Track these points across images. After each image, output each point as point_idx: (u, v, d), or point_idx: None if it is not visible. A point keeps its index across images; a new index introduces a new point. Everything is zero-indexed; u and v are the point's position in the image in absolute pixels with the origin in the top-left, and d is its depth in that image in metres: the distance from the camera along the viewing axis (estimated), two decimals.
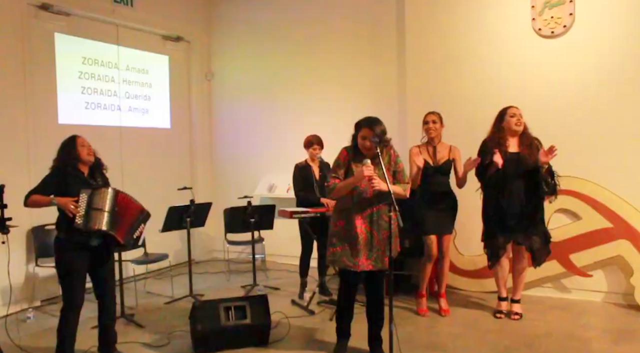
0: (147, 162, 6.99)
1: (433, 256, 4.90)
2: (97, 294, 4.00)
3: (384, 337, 3.74)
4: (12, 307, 4.97)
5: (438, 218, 4.89)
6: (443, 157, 4.91)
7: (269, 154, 7.44)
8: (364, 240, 3.72)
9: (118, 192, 3.84)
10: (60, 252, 3.79)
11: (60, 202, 3.67)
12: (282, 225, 6.32)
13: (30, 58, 5.61)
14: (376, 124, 3.72)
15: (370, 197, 3.70)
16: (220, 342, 4.16)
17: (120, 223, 3.80)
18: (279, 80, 7.36)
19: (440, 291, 5.07)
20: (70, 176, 3.77)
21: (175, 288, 5.92)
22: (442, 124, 4.94)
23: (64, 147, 3.85)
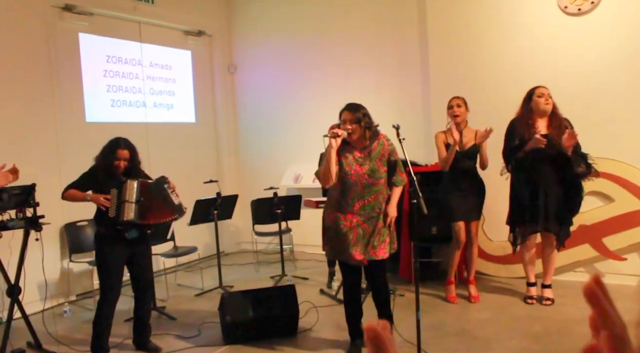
0: (173, 156, 7.06)
1: (461, 242, 4.85)
2: (134, 287, 4.09)
3: (410, 324, 3.72)
4: (49, 302, 5.11)
5: (465, 204, 4.83)
6: (469, 141, 4.83)
7: (294, 144, 7.45)
8: (354, 235, 3.66)
9: (141, 182, 3.91)
10: (99, 245, 3.93)
11: (93, 198, 3.82)
12: (309, 215, 6.32)
13: (56, 59, 5.71)
14: (355, 107, 3.65)
15: (360, 189, 3.63)
16: (250, 333, 4.20)
17: (150, 210, 3.90)
18: (301, 70, 7.34)
19: (469, 278, 5.02)
20: (105, 175, 3.87)
21: (205, 280, 6.00)
22: (467, 108, 4.86)
23: (105, 154, 3.91)
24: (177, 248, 6.11)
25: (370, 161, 3.63)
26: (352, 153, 3.67)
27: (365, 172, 3.63)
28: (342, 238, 3.66)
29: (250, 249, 7.21)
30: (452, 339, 4.06)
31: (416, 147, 5.89)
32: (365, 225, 3.66)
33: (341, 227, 3.66)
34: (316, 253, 6.85)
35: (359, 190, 3.64)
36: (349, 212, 3.66)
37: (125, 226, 3.85)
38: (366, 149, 3.65)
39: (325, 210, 3.81)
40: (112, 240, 3.87)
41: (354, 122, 3.60)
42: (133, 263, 4.01)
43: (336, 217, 3.69)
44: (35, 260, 4.35)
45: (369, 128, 3.64)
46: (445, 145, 4.84)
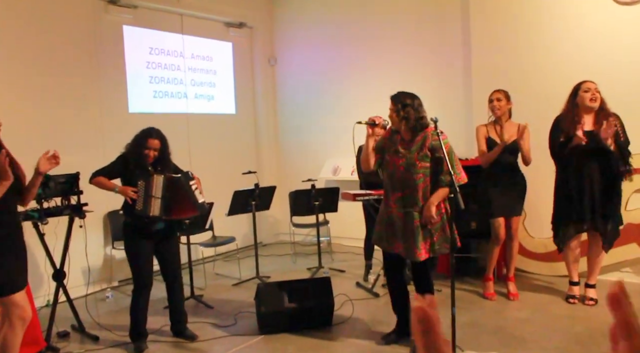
0: (213, 147, 7.16)
1: (500, 239, 4.75)
2: (163, 276, 4.18)
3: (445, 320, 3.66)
4: (92, 287, 5.28)
5: (506, 200, 4.71)
6: (511, 136, 4.71)
7: (333, 136, 7.42)
8: (396, 225, 3.64)
9: (167, 177, 3.93)
10: (128, 236, 4.01)
11: (121, 191, 3.88)
12: (347, 207, 6.30)
13: (101, 51, 5.86)
14: (398, 97, 3.62)
15: (397, 181, 3.60)
16: (284, 323, 4.23)
17: (175, 206, 3.93)
18: (342, 62, 7.30)
19: (508, 274, 4.91)
20: (134, 165, 3.92)
21: (243, 270, 6.06)
22: (509, 102, 4.74)
23: (136, 142, 3.96)
24: (216, 238, 6.20)
25: (409, 154, 3.57)
26: (397, 143, 3.62)
27: (400, 164, 3.58)
28: (386, 225, 3.69)
29: (288, 240, 7.25)
30: (488, 337, 3.98)
31: (457, 140, 5.75)
32: (403, 219, 3.59)
33: (386, 215, 3.69)
34: (353, 246, 6.84)
35: (395, 182, 3.61)
36: (391, 200, 3.67)
37: (152, 220, 3.90)
38: (409, 141, 3.59)
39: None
40: (139, 231, 3.94)
41: (394, 112, 3.56)
42: (160, 253, 4.09)
43: (385, 204, 3.73)
44: (79, 246, 4.49)
45: (407, 119, 3.56)
46: (486, 140, 4.74)
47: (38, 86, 5.25)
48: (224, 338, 4.22)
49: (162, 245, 4.05)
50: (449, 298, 3.43)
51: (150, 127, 4.03)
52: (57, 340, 4.24)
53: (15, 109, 4.87)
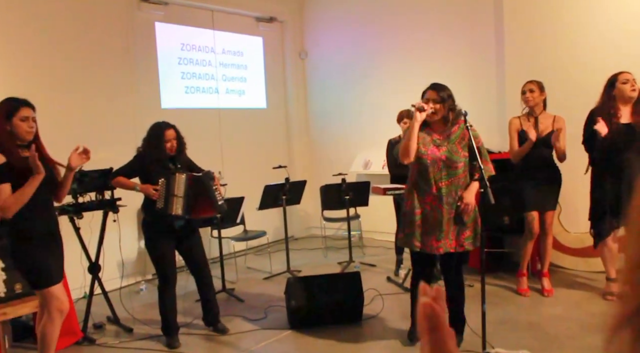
0: (244, 142, 7.21)
1: (534, 233, 4.65)
2: (190, 271, 4.24)
3: (477, 316, 3.61)
4: (126, 280, 5.40)
5: (540, 193, 4.61)
6: (546, 128, 4.60)
7: (364, 130, 7.39)
8: (433, 220, 3.49)
9: (189, 176, 3.95)
10: (148, 234, 4.05)
11: (142, 189, 3.92)
12: (378, 201, 6.27)
13: (134, 48, 5.96)
14: (440, 86, 3.53)
15: (438, 171, 3.50)
16: (314, 318, 4.24)
17: (197, 205, 3.95)
18: (372, 55, 7.25)
19: (542, 270, 4.80)
20: (153, 162, 3.95)
21: (274, 264, 6.10)
22: (543, 92, 4.61)
23: (152, 137, 3.99)
24: (247, 232, 6.25)
25: (449, 144, 3.50)
26: (431, 134, 3.54)
27: (442, 153, 3.49)
28: (421, 223, 3.51)
29: (319, 234, 7.26)
30: (520, 333, 3.91)
31: (489, 133, 5.67)
32: (443, 210, 3.50)
33: (418, 212, 3.52)
34: (385, 240, 6.81)
35: (436, 172, 3.50)
36: (427, 195, 3.51)
37: (173, 219, 3.93)
38: (445, 132, 3.52)
39: (405, 195, 3.67)
40: (159, 229, 3.97)
41: (438, 102, 3.47)
42: (183, 249, 4.13)
43: (414, 200, 3.55)
44: (113, 240, 4.59)
45: (452, 110, 3.51)
46: (519, 133, 4.64)
47: (74, 83, 5.38)
48: (255, 331, 4.26)
49: (183, 242, 4.09)
50: (480, 293, 3.37)
51: (159, 121, 4.06)
52: (93, 331, 4.35)
53: (52, 106, 4.99)
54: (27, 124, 3.02)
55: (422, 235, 3.52)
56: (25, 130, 3.02)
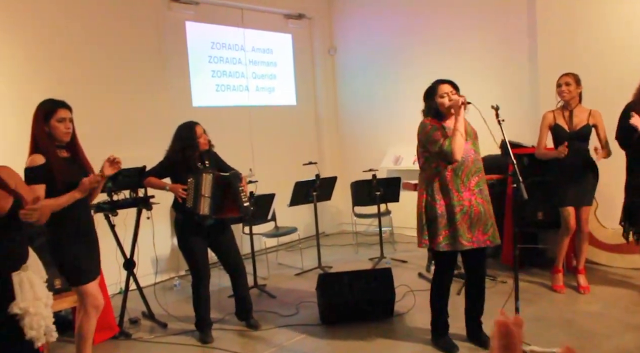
0: (275, 139, 7.25)
1: (570, 229, 4.55)
2: (224, 268, 4.28)
3: (509, 313, 3.56)
4: (160, 276, 5.50)
5: (576, 188, 4.51)
6: (581, 121, 4.50)
7: (394, 126, 7.34)
8: (475, 214, 3.41)
9: (216, 176, 3.98)
10: (180, 232, 4.10)
11: (172, 189, 3.98)
12: (410, 197, 6.18)
13: (165, 47, 6.05)
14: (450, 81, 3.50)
15: (471, 165, 3.43)
16: (345, 314, 4.24)
17: (224, 205, 3.98)
18: (402, 49, 7.19)
19: (578, 266, 4.71)
20: (182, 162, 4.00)
21: (305, 260, 6.12)
22: (579, 86, 4.51)
23: (183, 134, 4.05)
24: (278, 229, 6.29)
25: (469, 137, 3.47)
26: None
27: (470, 147, 3.45)
28: (461, 220, 3.39)
29: (350, 230, 7.25)
30: (556, 331, 3.84)
31: (522, 127, 5.59)
32: (483, 203, 3.45)
33: (458, 210, 3.38)
34: (416, 236, 6.74)
35: (470, 166, 3.43)
36: (465, 190, 3.41)
37: (201, 218, 3.97)
38: (466, 126, 3.48)
39: (430, 198, 3.47)
40: (191, 227, 4.01)
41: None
42: (216, 247, 4.17)
43: (451, 199, 3.41)
44: (147, 237, 4.68)
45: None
46: (552, 128, 4.54)
47: (107, 84, 5.48)
48: (286, 327, 4.28)
49: (216, 239, 4.13)
50: (514, 290, 3.32)
51: (185, 122, 4.12)
52: (129, 326, 4.45)
53: (87, 106, 5.09)
54: (64, 125, 3.09)
55: (468, 232, 3.42)
56: (62, 131, 3.08)
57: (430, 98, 3.53)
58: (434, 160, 3.47)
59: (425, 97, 3.60)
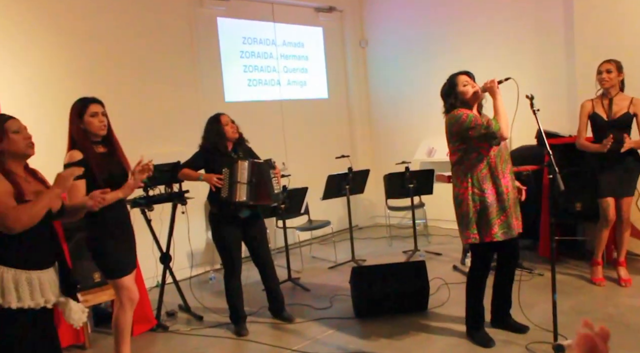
0: (307, 133, 7.26)
1: (610, 220, 4.43)
2: (254, 262, 4.31)
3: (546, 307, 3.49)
4: (196, 270, 5.58)
5: (616, 179, 4.38)
6: (620, 109, 4.36)
7: (427, 117, 7.23)
8: (513, 200, 3.43)
9: (251, 162, 4.00)
10: (214, 225, 4.14)
11: (206, 178, 4.01)
12: (444, 189, 6.12)
13: (198, 43, 6.11)
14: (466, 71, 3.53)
15: (505, 151, 3.43)
16: (379, 307, 4.23)
17: (261, 191, 4.00)
18: (435, 40, 7.09)
19: (619, 259, 4.57)
20: (215, 153, 4.05)
21: (339, 254, 6.13)
22: (621, 73, 4.37)
23: (211, 125, 4.12)
24: (312, 222, 6.31)
25: None
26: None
27: None
28: (507, 209, 3.38)
29: (384, 223, 7.22)
30: (596, 325, 3.73)
31: (558, 116, 5.46)
32: (514, 190, 3.47)
33: (504, 196, 3.38)
34: (450, 229, 6.69)
35: (504, 153, 3.44)
36: (503, 177, 3.41)
37: (238, 207, 3.99)
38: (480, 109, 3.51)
39: (477, 189, 3.39)
40: (226, 220, 4.05)
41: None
42: (249, 240, 4.20)
43: (498, 186, 3.39)
44: (182, 231, 4.75)
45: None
46: (590, 116, 4.42)
47: (141, 81, 5.57)
48: (320, 320, 4.29)
49: (249, 232, 4.16)
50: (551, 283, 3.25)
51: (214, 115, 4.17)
52: (166, 319, 4.53)
53: (122, 103, 5.20)
54: (97, 118, 3.16)
55: (511, 220, 3.42)
56: (96, 125, 3.16)
57: (451, 91, 3.54)
58: (474, 150, 3.43)
59: (444, 93, 3.61)
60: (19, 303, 2.38)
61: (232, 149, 4.13)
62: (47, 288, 2.49)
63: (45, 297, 2.47)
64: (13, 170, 2.47)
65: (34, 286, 2.44)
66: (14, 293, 2.37)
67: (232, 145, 4.14)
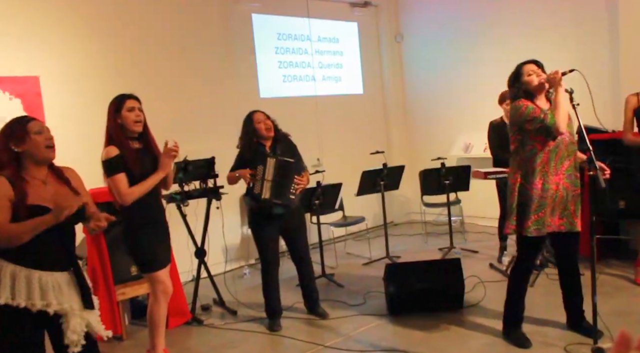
0: (342, 128, 7.23)
1: None
2: (290, 255, 4.33)
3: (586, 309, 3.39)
4: (230, 265, 5.63)
5: None
6: None
7: (464, 112, 7.14)
8: (559, 199, 3.33)
9: (277, 160, 3.98)
10: (252, 220, 4.18)
11: (241, 174, 4.02)
12: (480, 185, 6.05)
13: (233, 40, 6.16)
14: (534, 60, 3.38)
15: (565, 147, 3.30)
16: (413, 304, 4.19)
17: (283, 190, 3.97)
18: (472, 34, 6.96)
19: None
20: (252, 151, 4.05)
21: (373, 250, 6.09)
22: None
23: (244, 125, 4.14)
24: (346, 218, 6.29)
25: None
26: None
27: (565, 129, 3.31)
28: (549, 205, 3.33)
29: (419, 220, 7.14)
30: (638, 327, 3.61)
31: (600, 110, 5.25)
32: (569, 188, 3.35)
33: (549, 193, 3.32)
34: (487, 226, 6.57)
35: (563, 150, 3.32)
36: (555, 174, 3.33)
37: (265, 204, 3.98)
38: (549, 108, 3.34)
39: (524, 181, 3.37)
40: (264, 214, 4.05)
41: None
42: (286, 236, 4.21)
43: (546, 181, 3.32)
44: (217, 226, 4.80)
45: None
46: (635, 111, 4.26)
47: (177, 77, 5.65)
48: (354, 317, 4.28)
49: (287, 226, 4.16)
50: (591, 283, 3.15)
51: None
52: (201, 313, 4.59)
53: (159, 99, 5.28)
54: (134, 113, 3.22)
55: (549, 216, 3.35)
56: (133, 120, 3.21)
57: (517, 80, 3.43)
58: (530, 142, 3.36)
59: (510, 81, 3.49)
60: (11, 300, 2.30)
61: (271, 145, 4.12)
62: (50, 292, 2.38)
63: (46, 301, 2.37)
64: (33, 174, 2.44)
65: (33, 286, 2.34)
66: (7, 289, 2.30)
67: (271, 142, 4.13)
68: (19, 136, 2.42)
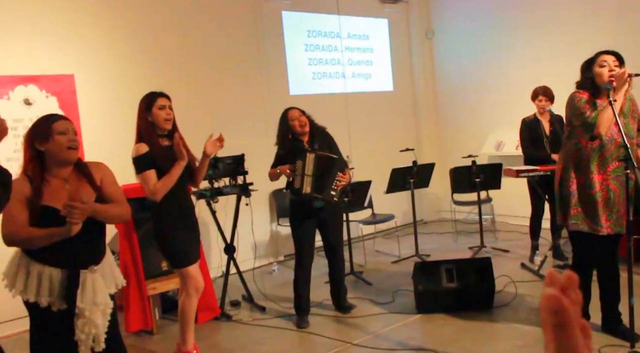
0: (371, 125, 7.19)
1: None
2: (325, 250, 4.32)
3: (623, 311, 3.29)
4: (259, 261, 5.67)
5: None
6: None
7: (496, 110, 7.03)
8: (603, 199, 3.24)
9: (317, 155, 3.97)
10: (292, 213, 4.20)
11: (281, 169, 4.03)
12: (512, 184, 5.94)
13: (263, 37, 6.18)
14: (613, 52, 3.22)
15: (615, 148, 3.19)
16: (442, 303, 4.15)
17: (325, 184, 3.97)
18: (505, 30, 6.84)
19: None
20: (289, 147, 4.07)
21: (402, 248, 6.04)
22: None
23: (280, 122, 4.15)
24: (375, 216, 6.26)
25: (624, 117, 3.20)
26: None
27: (618, 130, 3.21)
28: (593, 202, 3.25)
29: (450, 218, 7.06)
30: None
31: None
32: (616, 190, 3.25)
33: (590, 191, 3.25)
34: (519, 225, 6.46)
35: (613, 150, 3.23)
36: (599, 173, 3.25)
37: (306, 198, 3.99)
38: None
39: (564, 174, 3.36)
40: (303, 209, 4.07)
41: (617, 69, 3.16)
42: (323, 229, 4.21)
43: (584, 179, 3.27)
44: (246, 223, 4.83)
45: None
46: None
47: (208, 75, 5.70)
48: (382, 315, 4.26)
49: (324, 221, 4.16)
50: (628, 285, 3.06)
51: None
52: (230, 309, 4.63)
53: (190, 97, 5.34)
54: (164, 111, 3.26)
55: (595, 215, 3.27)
56: (163, 117, 3.26)
57: (588, 68, 3.30)
58: (575, 136, 3.31)
59: (582, 67, 3.37)
60: (24, 294, 2.34)
61: (309, 140, 4.12)
62: (57, 290, 2.37)
63: (51, 299, 2.36)
64: (55, 173, 2.44)
65: (43, 282, 2.34)
66: (22, 282, 2.34)
67: (309, 137, 4.13)
68: (43, 135, 2.42)
